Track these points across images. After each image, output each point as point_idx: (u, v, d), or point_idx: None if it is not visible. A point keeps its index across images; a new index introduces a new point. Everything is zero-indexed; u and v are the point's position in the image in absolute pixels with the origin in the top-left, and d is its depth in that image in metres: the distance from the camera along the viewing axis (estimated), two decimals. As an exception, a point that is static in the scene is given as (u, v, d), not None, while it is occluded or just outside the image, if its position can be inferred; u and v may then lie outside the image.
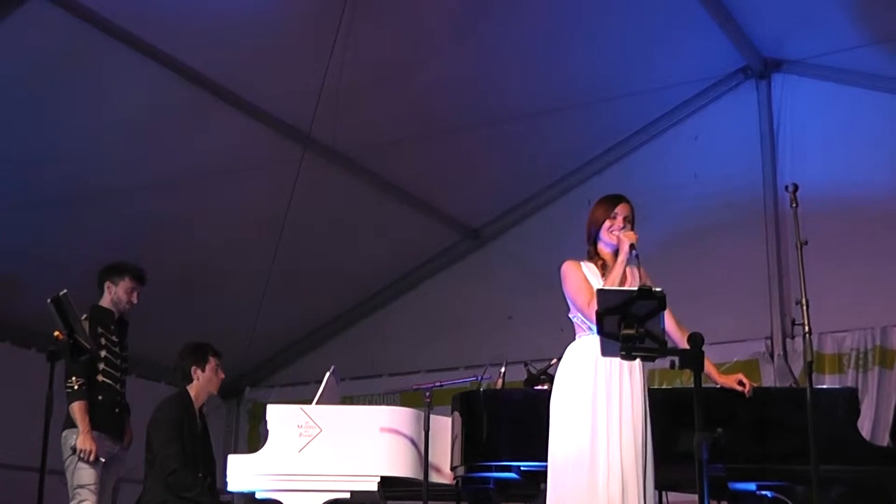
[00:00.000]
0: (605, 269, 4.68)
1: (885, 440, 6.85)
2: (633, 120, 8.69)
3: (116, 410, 5.81)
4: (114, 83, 6.73)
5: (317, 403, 5.58)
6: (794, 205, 5.05)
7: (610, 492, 4.31)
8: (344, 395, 7.36)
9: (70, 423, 5.62)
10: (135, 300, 5.95)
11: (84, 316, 5.62)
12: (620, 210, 4.74)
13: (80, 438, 5.55)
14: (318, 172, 7.87)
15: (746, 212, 8.21)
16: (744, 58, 8.24)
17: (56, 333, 5.40)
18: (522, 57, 7.65)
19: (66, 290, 5.54)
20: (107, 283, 5.94)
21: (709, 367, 4.69)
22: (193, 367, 5.93)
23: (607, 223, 4.72)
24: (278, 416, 5.53)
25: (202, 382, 5.94)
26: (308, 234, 8.28)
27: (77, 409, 5.58)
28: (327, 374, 5.84)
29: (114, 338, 5.84)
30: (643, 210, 8.18)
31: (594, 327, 4.49)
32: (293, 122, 7.59)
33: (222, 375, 6.10)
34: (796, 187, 5.09)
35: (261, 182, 7.84)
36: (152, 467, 5.67)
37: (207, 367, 5.95)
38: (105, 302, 5.93)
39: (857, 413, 5.15)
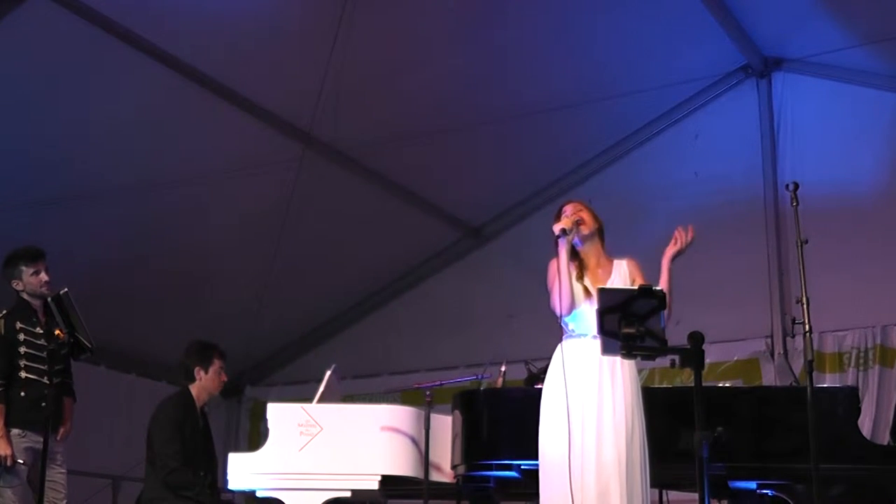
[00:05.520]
0: (580, 267, 4.68)
1: (885, 439, 6.85)
2: (633, 118, 8.69)
3: (43, 405, 5.41)
4: (114, 82, 6.72)
5: (317, 402, 5.59)
6: (794, 203, 5.04)
7: (585, 493, 4.31)
8: (344, 394, 7.35)
9: None
10: (45, 277, 5.59)
11: (1, 314, 5.46)
12: (565, 212, 4.81)
13: None
14: (318, 170, 7.87)
15: (747, 210, 8.21)
16: (744, 56, 8.25)
17: (57, 332, 5.40)
18: (523, 55, 7.65)
19: (66, 289, 5.54)
20: (12, 282, 5.62)
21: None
22: (197, 368, 5.90)
23: None
24: (279, 414, 5.53)
25: (204, 383, 5.91)
26: (308, 232, 8.27)
27: None
28: (328, 372, 5.83)
29: (38, 329, 5.51)
30: (644, 208, 8.31)
31: (577, 329, 4.54)
32: (293, 121, 7.59)
33: (225, 378, 6.06)
34: (797, 186, 5.08)
35: (261, 180, 7.83)
36: (152, 466, 5.66)
37: (211, 369, 5.92)
38: (24, 297, 5.61)
39: (858, 412, 5.15)
